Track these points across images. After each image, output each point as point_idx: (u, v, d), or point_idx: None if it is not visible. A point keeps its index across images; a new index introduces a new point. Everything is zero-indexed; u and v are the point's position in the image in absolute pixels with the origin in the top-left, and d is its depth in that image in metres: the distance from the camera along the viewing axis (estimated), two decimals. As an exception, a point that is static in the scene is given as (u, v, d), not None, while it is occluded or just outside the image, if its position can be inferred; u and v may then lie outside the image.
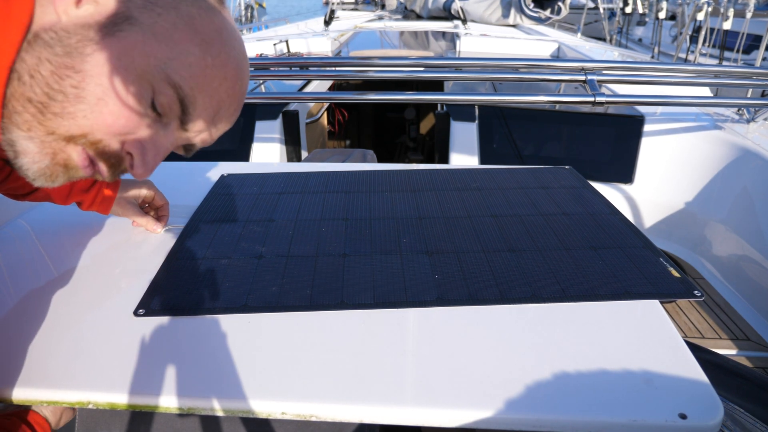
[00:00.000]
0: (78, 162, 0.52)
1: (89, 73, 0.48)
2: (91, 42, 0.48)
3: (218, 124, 0.58)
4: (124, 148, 0.53)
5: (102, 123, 0.49)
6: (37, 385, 0.58)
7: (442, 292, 0.73)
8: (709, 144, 2.07)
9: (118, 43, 0.48)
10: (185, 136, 0.56)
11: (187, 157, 0.62)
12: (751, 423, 0.89)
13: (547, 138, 2.32)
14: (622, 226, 0.91)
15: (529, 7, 4.83)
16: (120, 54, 0.48)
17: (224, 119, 0.58)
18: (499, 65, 1.91)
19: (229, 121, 0.59)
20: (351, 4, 10.08)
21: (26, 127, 0.48)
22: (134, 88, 0.49)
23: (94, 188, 0.86)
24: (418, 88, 3.45)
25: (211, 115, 0.56)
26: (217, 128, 0.58)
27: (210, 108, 0.55)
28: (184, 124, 0.55)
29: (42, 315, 0.69)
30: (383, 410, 0.55)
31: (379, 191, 1.05)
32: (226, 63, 0.54)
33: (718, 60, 7.48)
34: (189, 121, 0.54)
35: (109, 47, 0.48)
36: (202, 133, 0.57)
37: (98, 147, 0.51)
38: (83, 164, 0.52)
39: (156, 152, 0.55)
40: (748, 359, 1.67)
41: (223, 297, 0.72)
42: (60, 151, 0.51)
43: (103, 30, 0.48)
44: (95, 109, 0.49)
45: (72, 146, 0.51)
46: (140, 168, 0.54)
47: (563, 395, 0.56)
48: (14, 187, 0.78)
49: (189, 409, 0.56)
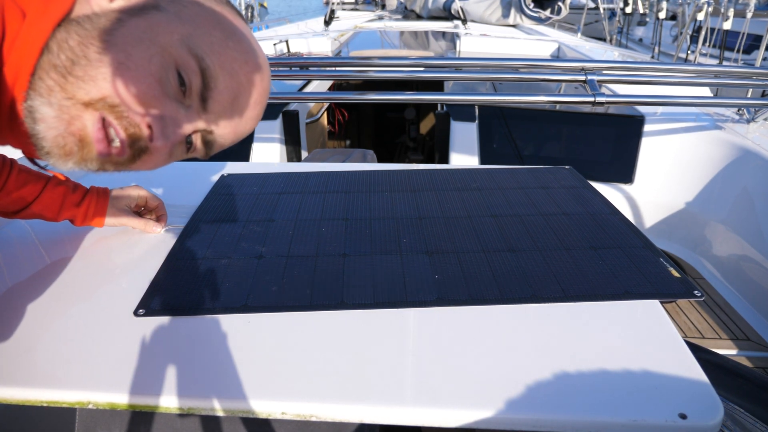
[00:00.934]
0: (93, 134, 0.51)
1: (114, 43, 0.50)
2: (119, 21, 0.51)
3: (237, 113, 0.58)
4: (144, 120, 0.52)
5: (122, 87, 0.50)
6: (37, 385, 0.58)
7: (442, 292, 0.73)
8: (709, 144, 2.07)
9: (144, 21, 0.52)
10: (204, 119, 0.56)
11: (204, 158, 0.61)
12: (751, 423, 0.89)
13: (547, 138, 2.32)
14: (622, 226, 0.91)
15: (529, 7, 4.83)
16: (145, 29, 0.51)
17: (244, 110, 0.58)
18: (499, 65, 1.91)
19: (248, 117, 0.59)
20: (351, 4, 10.08)
21: (47, 93, 0.49)
22: (157, 58, 0.51)
23: (84, 202, 0.85)
24: (418, 88, 3.45)
25: (231, 98, 0.56)
26: (235, 120, 0.58)
27: (230, 89, 0.55)
28: (204, 101, 0.55)
29: (42, 315, 0.69)
30: (383, 410, 0.55)
31: (379, 191, 1.05)
32: (248, 51, 0.57)
33: (718, 60, 7.48)
34: (210, 98, 0.55)
35: (136, 23, 0.51)
36: (221, 118, 0.57)
37: (117, 112, 0.51)
38: (98, 136, 0.51)
39: (175, 127, 0.54)
40: (748, 359, 1.67)
41: (223, 297, 0.72)
42: (77, 119, 0.50)
43: (131, 12, 0.52)
44: (117, 72, 0.49)
45: (89, 114, 0.50)
46: (160, 139, 0.53)
47: (563, 395, 0.56)
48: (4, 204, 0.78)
49: (189, 409, 0.56)
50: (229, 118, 0.58)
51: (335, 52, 3.82)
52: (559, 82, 2.01)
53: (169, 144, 0.54)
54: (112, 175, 0.64)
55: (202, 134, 0.58)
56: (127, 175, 1.13)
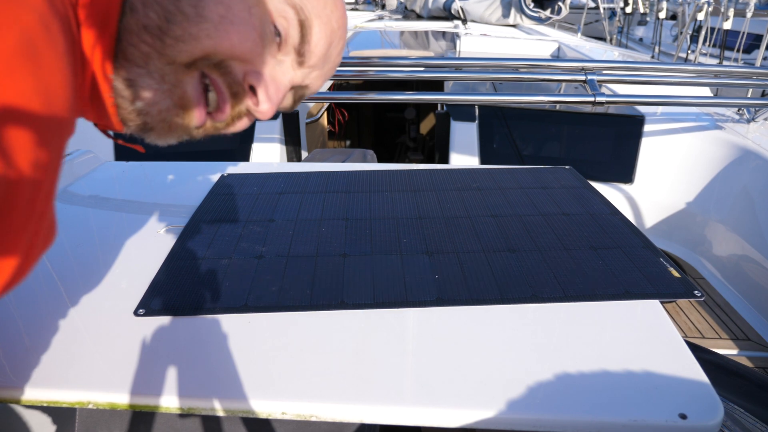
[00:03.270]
0: (192, 94, 0.47)
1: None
2: None
3: (329, 62, 0.55)
4: (246, 80, 0.49)
5: (227, 43, 0.45)
6: (37, 385, 0.58)
7: (442, 292, 0.73)
8: (709, 144, 2.07)
9: None
10: (300, 74, 0.53)
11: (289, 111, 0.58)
12: (751, 423, 0.89)
13: (547, 138, 2.32)
14: (622, 226, 0.91)
15: (529, 7, 4.82)
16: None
17: (334, 57, 0.56)
18: (499, 65, 1.91)
19: (335, 63, 0.57)
20: (351, 4, 10.07)
21: (144, 61, 0.44)
22: (256, 9, 0.47)
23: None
24: (418, 88, 3.45)
25: (325, 47, 0.53)
26: (326, 68, 0.56)
27: (325, 37, 0.53)
28: (301, 55, 0.52)
29: (42, 315, 0.69)
30: (383, 410, 0.55)
31: (379, 191, 1.05)
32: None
33: (718, 60, 7.48)
34: (306, 51, 0.52)
35: None
36: (314, 70, 0.54)
37: (221, 69, 0.47)
38: (197, 97, 0.47)
39: (277, 88, 0.51)
40: (748, 359, 1.67)
41: (223, 297, 0.72)
42: (178, 84, 0.46)
43: None
44: (219, 27, 0.45)
45: (190, 76, 0.46)
46: (266, 103, 0.50)
47: (563, 395, 0.56)
48: None
49: (189, 409, 0.56)
50: (321, 69, 0.55)
51: None
52: (559, 82, 2.02)
53: (275, 106, 0.51)
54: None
55: (295, 89, 0.55)
56: (127, 175, 1.13)
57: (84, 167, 1.15)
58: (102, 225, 0.93)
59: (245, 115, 0.52)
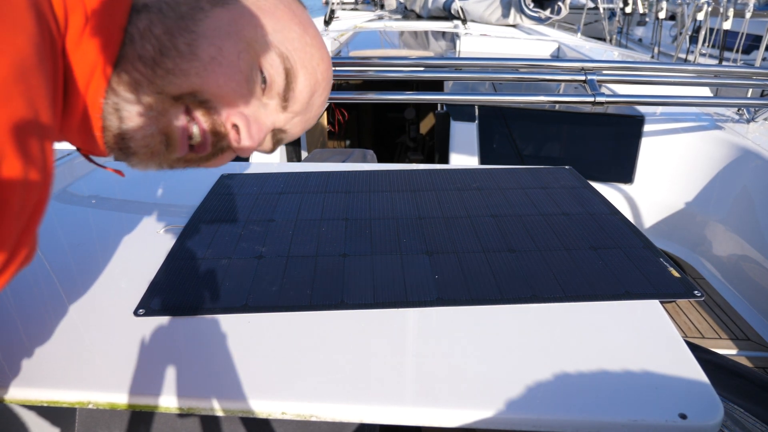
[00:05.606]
0: (176, 125, 0.49)
1: (202, 34, 0.48)
2: (202, 9, 0.49)
3: (311, 110, 0.58)
4: (228, 119, 0.51)
5: (214, 83, 0.48)
6: (36, 385, 0.58)
7: (442, 292, 0.73)
8: (709, 144, 2.07)
9: (227, 12, 0.50)
10: (283, 117, 0.56)
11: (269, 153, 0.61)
12: (751, 423, 0.89)
13: (547, 138, 2.32)
14: (622, 226, 0.91)
15: (529, 7, 4.83)
16: (230, 21, 0.49)
17: (316, 106, 0.58)
18: (499, 65, 1.91)
19: (317, 113, 0.59)
20: (351, 4, 10.08)
21: (134, 87, 0.47)
22: (245, 55, 0.50)
23: None
24: (418, 88, 3.45)
25: (308, 95, 0.55)
26: (308, 116, 0.58)
27: (309, 86, 0.55)
28: (285, 100, 0.54)
29: (42, 315, 0.69)
30: (383, 410, 0.55)
31: (379, 191, 1.05)
32: (322, 46, 0.57)
33: (718, 60, 7.48)
34: (290, 97, 0.54)
35: (219, 14, 0.49)
36: (296, 116, 0.56)
37: (206, 107, 0.49)
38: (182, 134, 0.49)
39: (259, 128, 0.53)
40: (748, 359, 1.67)
41: (223, 297, 0.72)
42: (164, 113, 0.48)
43: (212, 1, 0.50)
44: (208, 67, 0.48)
45: (176, 108, 0.48)
46: (247, 140, 0.52)
47: (563, 395, 0.56)
48: None
49: (189, 409, 0.56)
50: (303, 116, 0.57)
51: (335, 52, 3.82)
52: (559, 82, 2.02)
53: (256, 144, 0.53)
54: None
55: (275, 132, 0.57)
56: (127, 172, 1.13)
57: (84, 167, 1.15)
58: (101, 225, 0.93)
59: (227, 149, 0.54)
